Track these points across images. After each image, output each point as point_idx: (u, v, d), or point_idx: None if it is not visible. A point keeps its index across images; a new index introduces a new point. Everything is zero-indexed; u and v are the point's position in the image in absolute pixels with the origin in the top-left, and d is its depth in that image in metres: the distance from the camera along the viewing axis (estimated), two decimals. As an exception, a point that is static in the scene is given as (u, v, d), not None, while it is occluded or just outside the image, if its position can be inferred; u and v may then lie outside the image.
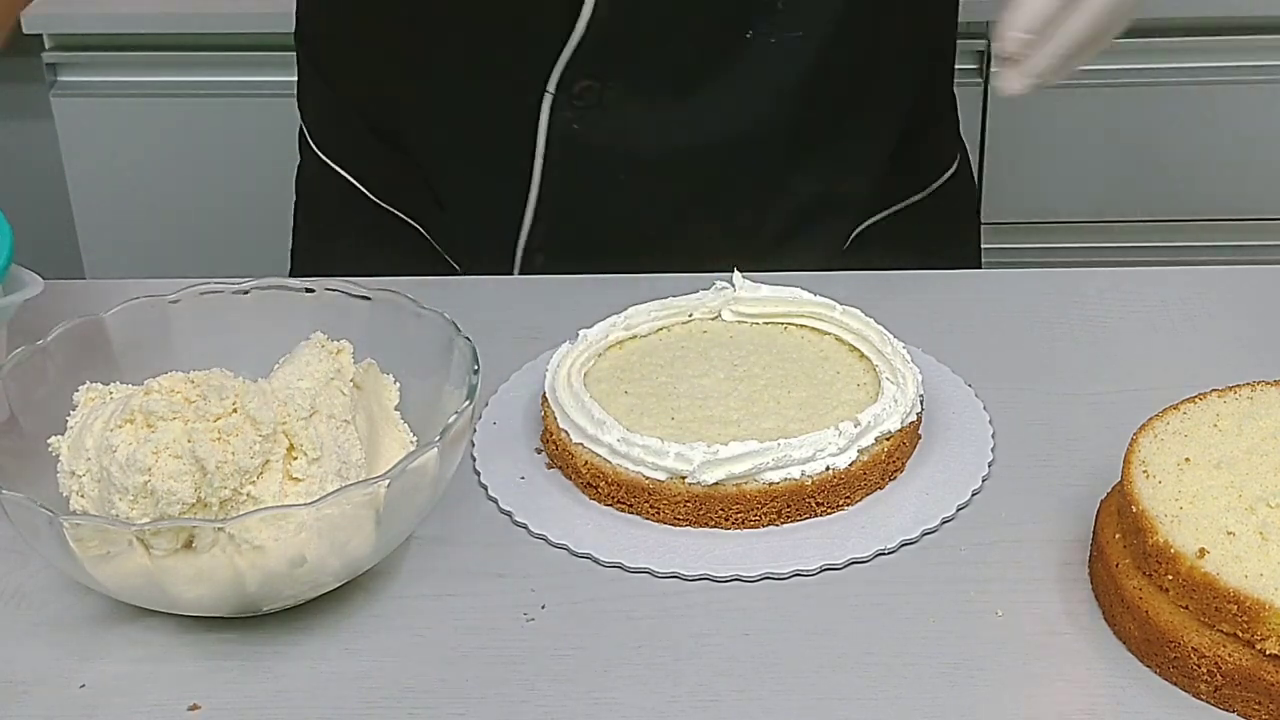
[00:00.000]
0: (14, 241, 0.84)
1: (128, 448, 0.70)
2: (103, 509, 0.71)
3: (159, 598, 0.70)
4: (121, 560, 0.68)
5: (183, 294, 0.83)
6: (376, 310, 0.82)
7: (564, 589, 0.75)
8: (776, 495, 0.78)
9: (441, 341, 0.79)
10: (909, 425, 0.81)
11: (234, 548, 0.67)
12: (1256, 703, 0.67)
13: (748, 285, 0.90)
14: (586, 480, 0.81)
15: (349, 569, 0.72)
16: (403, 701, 0.69)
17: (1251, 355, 0.90)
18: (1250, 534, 0.69)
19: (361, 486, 0.69)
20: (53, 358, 0.79)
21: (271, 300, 0.83)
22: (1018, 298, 0.97)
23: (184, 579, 0.69)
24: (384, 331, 0.82)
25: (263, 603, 0.71)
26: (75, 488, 0.72)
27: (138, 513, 0.69)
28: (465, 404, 0.74)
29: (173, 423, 0.70)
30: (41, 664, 0.72)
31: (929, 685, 0.69)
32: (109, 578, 0.69)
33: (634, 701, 0.69)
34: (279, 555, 0.68)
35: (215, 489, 0.69)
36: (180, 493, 0.69)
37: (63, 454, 0.73)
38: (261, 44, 1.96)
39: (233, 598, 0.70)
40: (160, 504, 0.69)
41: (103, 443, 0.71)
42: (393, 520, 0.71)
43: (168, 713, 0.69)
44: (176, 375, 0.73)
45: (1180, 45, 1.89)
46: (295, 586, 0.71)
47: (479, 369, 0.76)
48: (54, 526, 0.67)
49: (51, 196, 2.10)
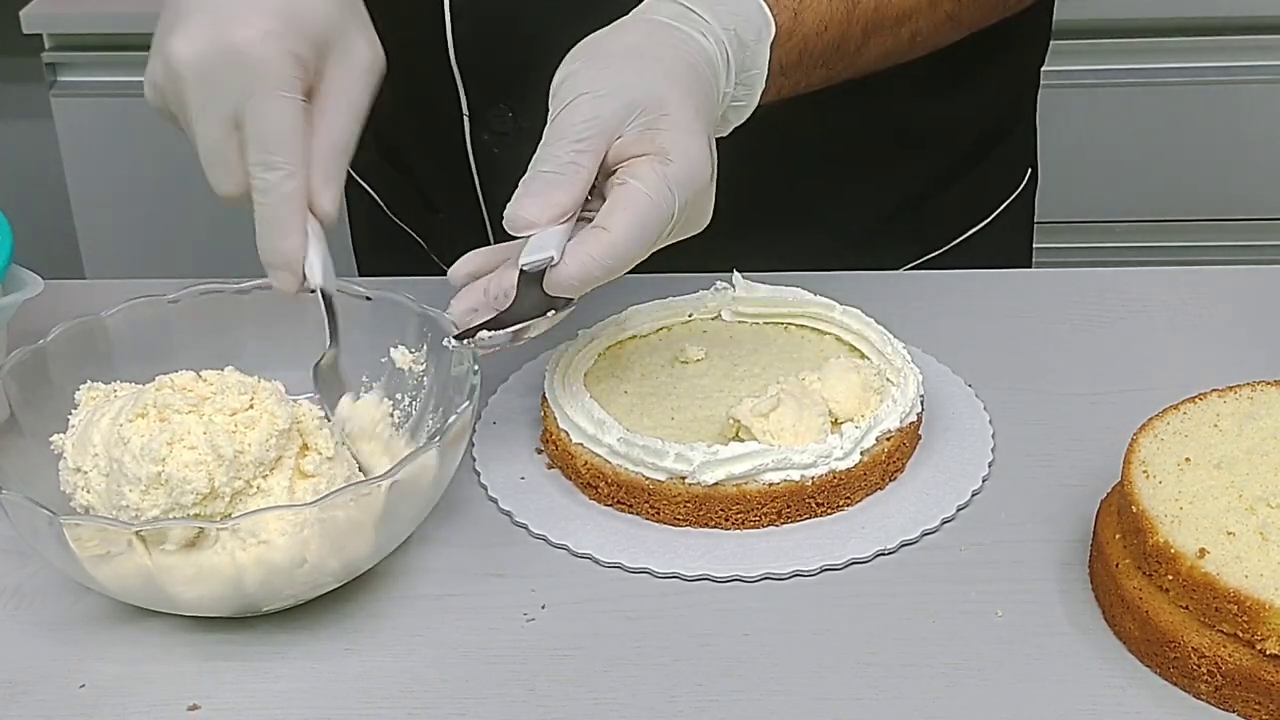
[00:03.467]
0: (14, 241, 0.84)
1: (141, 439, 0.70)
2: (111, 502, 0.71)
3: (158, 597, 0.70)
4: (121, 560, 0.68)
5: (182, 294, 0.83)
6: (378, 310, 0.82)
7: (564, 589, 0.75)
8: (776, 496, 0.78)
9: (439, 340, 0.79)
10: (909, 425, 0.81)
11: (236, 543, 0.67)
12: (1256, 703, 0.67)
13: (748, 285, 0.89)
14: (586, 480, 0.81)
15: (348, 570, 0.72)
16: (403, 702, 0.69)
17: (1251, 355, 0.90)
18: (1250, 534, 0.69)
19: (362, 486, 0.69)
20: (52, 357, 0.79)
21: (271, 300, 0.83)
22: (1018, 298, 0.97)
23: (183, 579, 0.69)
24: (384, 330, 0.82)
25: (262, 603, 0.72)
26: (81, 483, 0.72)
27: (149, 503, 0.70)
28: (465, 404, 0.74)
29: (188, 416, 0.71)
30: (41, 664, 0.72)
31: (929, 685, 0.69)
32: (109, 577, 0.70)
33: (634, 701, 0.69)
34: (279, 555, 0.68)
35: (229, 479, 0.70)
36: (195, 482, 0.69)
37: (67, 451, 0.73)
38: (261, 44, 1.96)
39: (232, 598, 0.70)
40: (174, 494, 0.69)
41: (113, 436, 0.71)
42: (392, 521, 0.71)
43: (168, 713, 0.69)
44: (187, 374, 0.74)
45: (1181, 45, 1.89)
46: (295, 587, 0.71)
47: (478, 369, 0.76)
48: (54, 526, 0.67)
49: (51, 196, 2.10)
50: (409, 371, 0.82)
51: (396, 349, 0.82)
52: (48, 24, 1.96)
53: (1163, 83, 1.90)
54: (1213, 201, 1.98)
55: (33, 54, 2.00)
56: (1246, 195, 1.98)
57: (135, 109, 2.02)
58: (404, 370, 0.82)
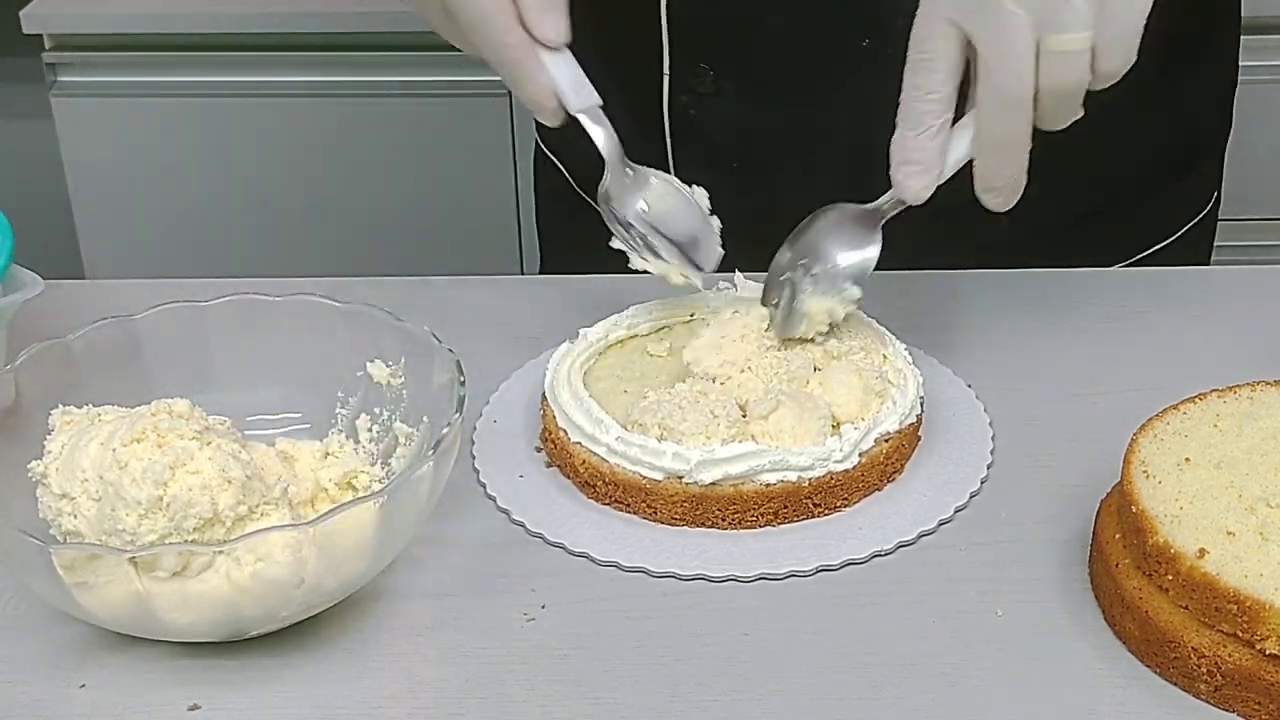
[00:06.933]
0: (14, 241, 0.84)
1: (141, 463, 0.69)
2: (102, 527, 0.70)
3: (152, 625, 0.69)
4: (111, 586, 0.67)
5: (149, 312, 0.81)
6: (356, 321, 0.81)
7: (564, 589, 0.75)
8: (773, 496, 0.78)
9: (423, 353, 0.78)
10: (908, 427, 0.81)
11: (232, 565, 0.67)
12: (1256, 703, 0.67)
13: (749, 285, 0.89)
14: (584, 479, 0.81)
15: (344, 588, 0.71)
16: (403, 701, 0.69)
17: (1251, 355, 0.90)
18: (1250, 534, 0.69)
19: (355, 504, 0.68)
20: (18, 382, 0.77)
21: (243, 315, 0.82)
22: (1018, 298, 0.97)
23: (174, 604, 0.68)
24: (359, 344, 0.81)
25: (253, 627, 0.71)
26: (67, 509, 0.71)
27: (146, 528, 0.69)
28: (456, 416, 0.73)
29: (190, 442, 0.70)
30: (41, 664, 0.72)
31: (929, 685, 0.69)
32: (96, 605, 0.68)
33: (634, 701, 0.69)
34: (274, 577, 0.67)
35: (234, 506, 0.69)
36: (198, 506, 0.69)
37: (50, 477, 0.71)
38: (261, 44, 1.96)
39: (225, 622, 0.69)
40: (176, 518, 0.68)
41: (107, 460, 0.70)
42: (386, 537, 0.70)
43: (168, 713, 0.69)
44: (183, 402, 0.73)
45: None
46: (289, 608, 0.70)
47: (464, 380, 0.75)
48: (43, 555, 0.65)
49: (51, 196, 2.10)
50: (387, 385, 0.80)
51: (373, 363, 0.80)
52: (48, 24, 1.96)
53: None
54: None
55: (33, 54, 2.00)
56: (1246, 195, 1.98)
57: (135, 109, 2.04)
58: (381, 385, 0.80)
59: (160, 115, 2.02)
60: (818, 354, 0.83)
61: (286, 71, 2.01)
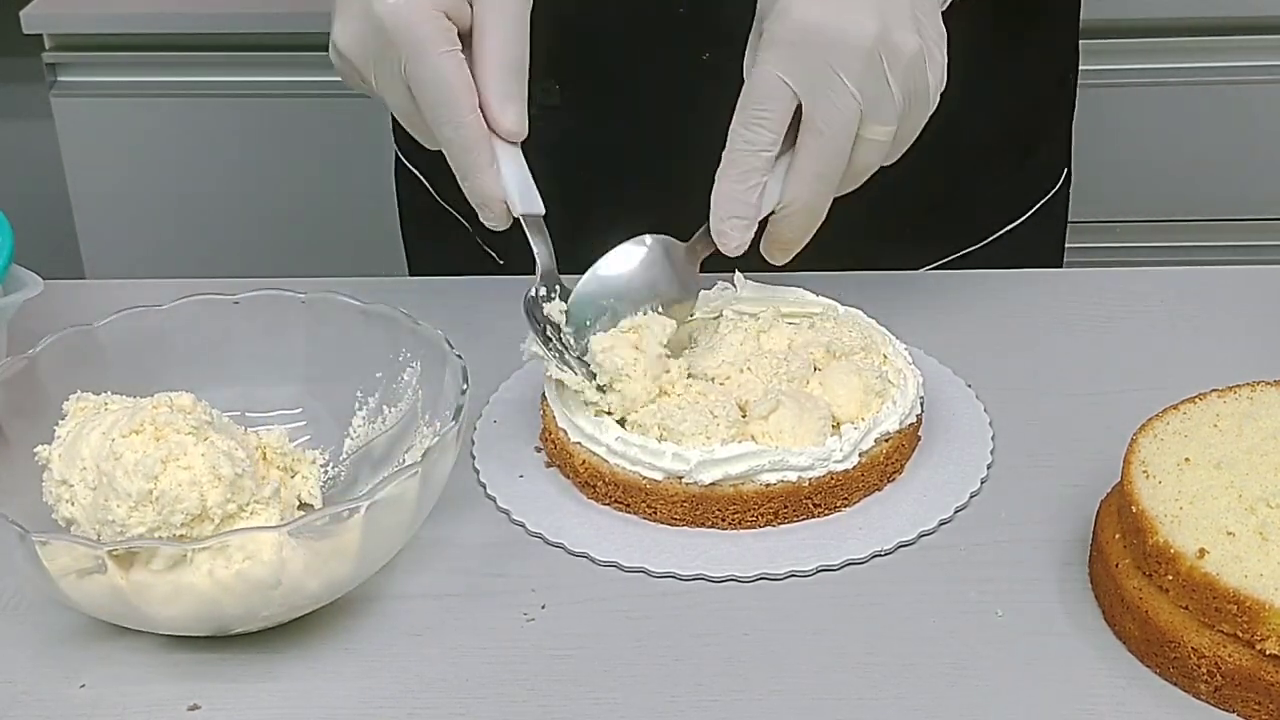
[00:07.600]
0: (14, 241, 0.84)
1: (135, 455, 0.69)
2: (95, 516, 0.70)
3: (133, 616, 0.69)
4: (94, 578, 0.67)
5: (177, 303, 0.82)
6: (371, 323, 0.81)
7: (564, 589, 0.75)
8: (773, 496, 0.78)
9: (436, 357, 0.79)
10: (908, 427, 0.81)
11: (218, 562, 0.67)
12: (1256, 703, 0.67)
13: (750, 285, 0.89)
14: (584, 479, 0.81)
15: (329, 591, 0.71)
16: (403, 702, 0.69)
17: (1251, 355, 0.90)
18: (1250, 534, 0.69)
19: (340, 508, 0.68)
20: (44, 366, 0.77)
21: (265, 309, 0.82)
22: (1018, 298, 0.97)
23: (159, 598, 0.68)
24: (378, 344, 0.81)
25: (236, 624, 0.71)
26: (66, 495, 0.71)
27: (135, 520, 0.69)
28: (450, 427, 0.73)
29: (186, 437, 0.70)
30: (42, 664, 0.72)
31: (929, 685, 0.69)
32: (82, 595, 0.68)
33: (634, 701, 0.69)
34: (252, 577, 0.67)
35: (222, 503, 0.69)
36: (186, 501, 0.69)
37: (53, 463, 0.72)
38: (261, 44, 1.96)
39: (209, 618, 0.69)
40: (164, 512, 0.69)
41: (104, 450, 0.70)
42: (373, 543, 0.70)
43: (168, 713, 0.69)
44: (187, 396, 0.73)
45: (1182, 45, 1.89)
46: (271, 608, 0.70)
47: (466, 389, 0.75)
48: (25, 543, 0.66)
49: (51, 196, 2.10)
50: (404, 386, 0.80)
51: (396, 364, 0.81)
52: (48, 24, 1.96)
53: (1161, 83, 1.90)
54: (1212, 201, 1.98)
55: (33, 54, 2.00)
56: (1246, 195, 1.98)
57: (135, 109, 2.04)
58: (398, 386, 0.81)
59: (160, 115, 2.01)
60: (818, 354, 0.83)
61: (287, 72, 2.00)
